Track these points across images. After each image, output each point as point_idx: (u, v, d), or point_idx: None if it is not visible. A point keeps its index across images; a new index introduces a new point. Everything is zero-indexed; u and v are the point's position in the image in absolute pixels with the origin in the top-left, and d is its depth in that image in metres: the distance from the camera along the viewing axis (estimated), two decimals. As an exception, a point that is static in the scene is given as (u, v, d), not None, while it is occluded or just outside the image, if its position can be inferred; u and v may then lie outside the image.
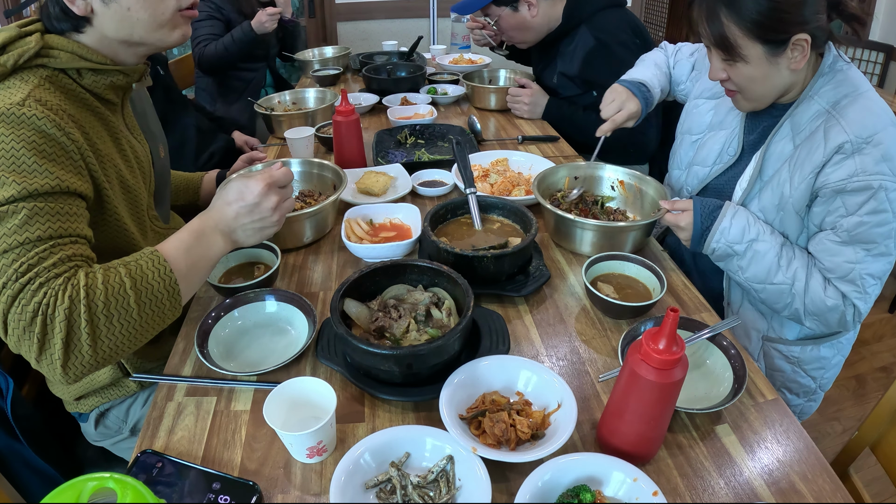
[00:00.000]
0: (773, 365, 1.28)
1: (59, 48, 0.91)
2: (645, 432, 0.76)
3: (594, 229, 1.21)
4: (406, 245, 1.21)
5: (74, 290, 0.78)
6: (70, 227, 0.84)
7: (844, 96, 1.06)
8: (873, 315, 2.57)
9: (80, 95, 0.94)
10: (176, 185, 1.43)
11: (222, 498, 0.74)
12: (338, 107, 1.52)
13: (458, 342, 0.88)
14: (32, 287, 0.77)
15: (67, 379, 0.80)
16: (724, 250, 1.11)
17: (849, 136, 1.02)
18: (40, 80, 0.89)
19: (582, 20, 1.89)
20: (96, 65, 0.94)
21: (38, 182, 0.81)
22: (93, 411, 1.13)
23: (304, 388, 0.82)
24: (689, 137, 1.38)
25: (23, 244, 0.79)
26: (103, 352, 0.80)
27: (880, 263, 1.06)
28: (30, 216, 0.80)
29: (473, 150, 1.68)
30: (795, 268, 1.09)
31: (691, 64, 1.48)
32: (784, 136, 1.13)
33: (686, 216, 1.12)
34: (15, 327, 0.77)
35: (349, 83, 2.57)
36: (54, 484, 0.63)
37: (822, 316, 1.10)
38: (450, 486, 0.75)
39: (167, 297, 0.84)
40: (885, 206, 1.01)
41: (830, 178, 1.03)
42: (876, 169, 1.00)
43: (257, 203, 0.94)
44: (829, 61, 1.10)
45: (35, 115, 0.83)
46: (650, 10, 5.64)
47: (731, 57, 1.06)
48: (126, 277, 0.81)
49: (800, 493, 0.76)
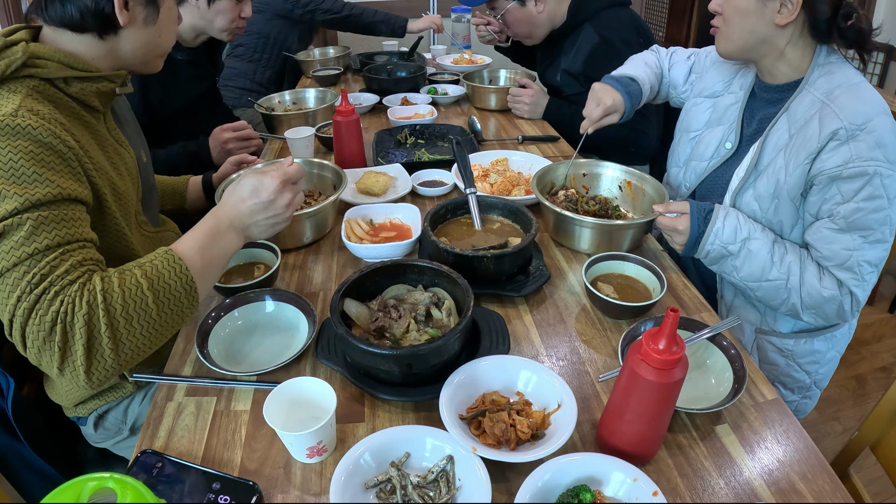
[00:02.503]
0: (767, 358, 1.28)
1: (46, 57, 0.90)
2: (645, 432, 0.76)
3: (592, 227, 1.21)
4: (406, 245, 1.21)
5: (91, 295, 0.77)
6: (76, 233, 0.83)
7: (837, 86, 1.09)
8: (873, 315, 2.57)
9: (68, 104, 0.94)
10: (162, 191, 1.42)
11: (222, 498, 0.74)
12: (338, 107, 1.52)
13: (458, 342, 0.88)
14: (48, 297, 0.76)
15: (91, 385, 0.79)
16: (719, 251, 1.12)
17: (843, 123, 1.03)
18: (29, 91, 0.88)
19: (586, 18, 1.90)
20: (82, 73, 0.94)
21: (40, 192, 0.80)
22: (91, 414, 1.13)
23: (304, 388, 0.82)
24: (686, 135, 1.39)
25: (32, 255, 0.78)
26: (125, 354, 0.80)
27: (877, 250, 1.07)
28: (35, 226, 0.79)
29: (473, 150, 1.68)
30: (789, 262, 1.10)
31: (688, 67, 1.48)
32: (781, 128, 1.15)
33: (684, 220, 1.12)
34: (35, 339, 0.76)
35: (349, 83, 2.57)
36: (54, 484, 0.63)
37: (820, 308, 1.10)
38: (450, 486, 0.75)
39: (185, 295, 0.84)
40: (880, 191, 1.02)
41: (826, 165, 1.04)
42: (870, 155, 1.01)
43: (272, 200, 0.95)
44: (823, 54, 1.13)
45: (30, 124, 0.82)
46: (650, 9, 5.64)
47: None
48: (143, 279, 0.81)
49: (800, 493, 0.76)
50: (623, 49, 1.81)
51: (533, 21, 1.94)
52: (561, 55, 1.99)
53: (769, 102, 1.21)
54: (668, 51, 1.57)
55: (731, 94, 1.30)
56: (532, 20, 1.94)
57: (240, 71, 2.65)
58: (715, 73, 1.36)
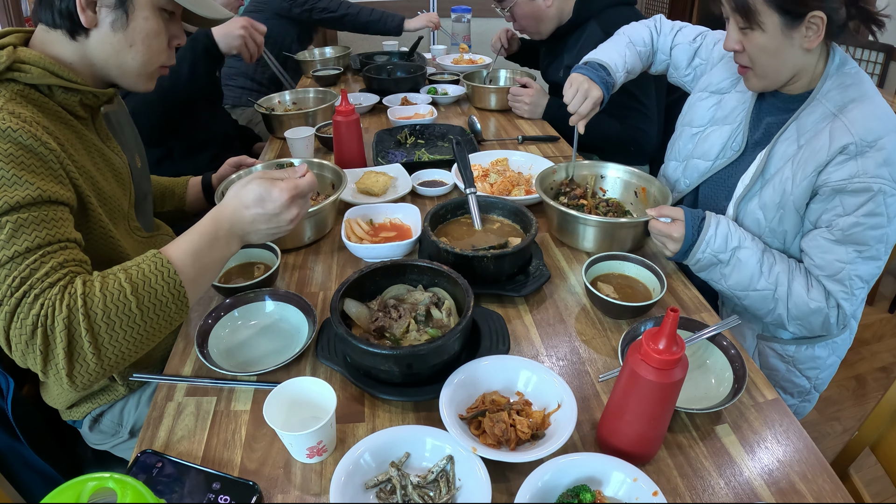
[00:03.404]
0: (768, 364, 1.28)
1: (30, 63, 0.90)
2: (645, 432, 0.76)
3: (596, 225, 1.21)
4: (406, 245, 1.21)
5: (72, 298, 0.77)
6: (58, 233, 0.83)
7: (851, 100, 1.07)
8: (873, 315, 2.57)
9: (53, 108, 0.93)
10: (161, 191, 1.42)
11: (222, 498, 0.74)
12: (338, 107, 1.52)
13: (458, 342, 0.88)
14: (28, 300, 0.76)
15: (75, 387, 0.79)
16: (709, 259, 1.11)
17: (853, 138, 1.02)
18: (12, 94, 0.87)
19: (591, 15, 1.91)
20: (66, 82, 0.93)
21: (20, 194, 0.80)
22: (86, 417, 1.13)
23: (304, 388, 0.82)
24: (689, 130, 1.37)
25: (13, 259, 0.78)
26: (108, 359, 0.79)
27: (869, 266, 1.07)
28: (14, 229, 0.79)
29: (473, 150, 1.68)
30: (777, 272, 1.09)
31: (693, 50, 1.44)
32: (789, 137, 1.13)
33: (679, 227, 1.11)
34: (17, 342, 0.77)
35: (349, 83, 2.57)
36: (54, 484, 0.63)
37: (806, 319, 1.10)
38: (450, 486, 0.75)
39: (172, 301, 0.83)
40: (881, 209, 1.02)
41: (831, 178, 1.04)
42: (877, 172, 1.01)
43: (277, 214, 0.92)
44: (836, 62, 1.10)
45: (10, 126, 0.82)
46: (650, 9, 5.64)
47: (749, 24, 1.06)
48: (126, 283, 0.80)
49: (800, 493, 0.76)
50: None
51: (541, 16, 1.95)
52: (564, 52, 2.00)
53: (778, 109, 1.19)
54: (671, 27, 1.52)
55: (739, 92, 1.28)
56: (540, 15, 1.95)
57: (240, 70, 2.65)
58: (723, 69, 1.34)
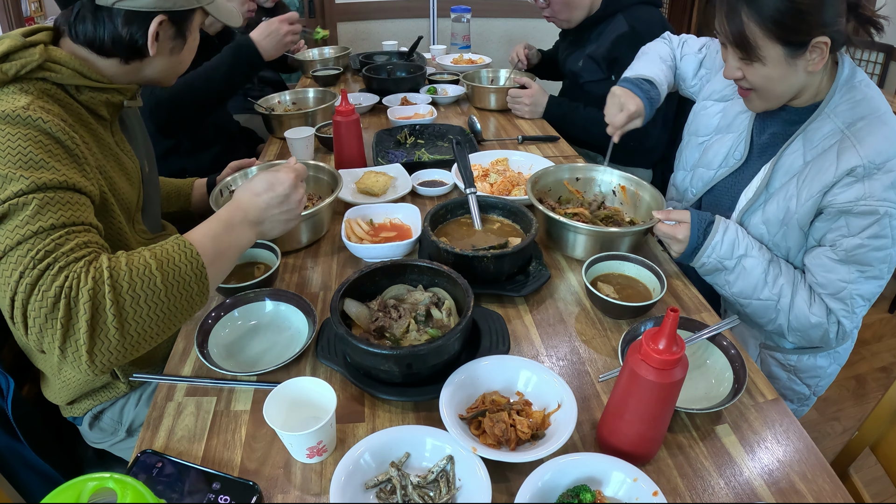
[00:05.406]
0: (770, 372, 1.28)
1: (62, 63, 0.91)
2: (645, 432, 0.76)
3: (586, 234, 1.19)
4: (406, 245, 1.21)
5: (97, 271, 0.75)
6: (82, 216, 0.83)
7: (861, 118, 1.05)
8: (873, 315, 2.57)
9: (76, 110, 0.95)
10: (167, 193, 1.42)
11: (222, 498, 0.74)
12: (338, 107, 1.52)
13: (458, 342, 0.88)
14: (52, 272, 0.74)
15: (94, 369, 0.76)
16: (714, 265, 1.11)
17: (862, 161, 1.01)
18: (39, 93, 0.89)
19: (619, 9, 1.93)
20: (94, 83, 0.95)
21: (47, 176, 0.81)
22: (86, 414, 1.13)
23: (304, 388, 0.82)
24: (695, 139, 1.37)
25: (37, 233, 0.77)
26: (131, 336, 0.77)
27: (871, 286, 1.07)
28: (41, 206, 0.78)
29: (473, 150, 1.68)
30: (781, 284, 1.09)
31: (699, 60, 1.45)
32: (795, 151, 1.11)
33: (683, 229, 1.11)
34: (37, 316, 0.73)
35: (349, 83, 2.57)
36: (54, 484, 0.63)
37: (805, 332, 1.11)
38: (450, 486, 0.75)
39: (195, 280, 0.83)
40: (886, 232, 1.02)
41: (838, 199, 1.03)
42: (883, 195, 1.00)
43: (287, 194, 0.97)
44: (845, 73, 1.07)
45: (41, 118, 0.84)
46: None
47: (749, 57, 1.04)
48: (151, 259, 0.80)
49: (800, 493, 0.76)
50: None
51: (574, 3, 1.96)
52: (587, 44, 2.01)
53: (784, 121, 1.16)
54: (679, 39, 1.53)
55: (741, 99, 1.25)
56: (573, 2, 1.96)
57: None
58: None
